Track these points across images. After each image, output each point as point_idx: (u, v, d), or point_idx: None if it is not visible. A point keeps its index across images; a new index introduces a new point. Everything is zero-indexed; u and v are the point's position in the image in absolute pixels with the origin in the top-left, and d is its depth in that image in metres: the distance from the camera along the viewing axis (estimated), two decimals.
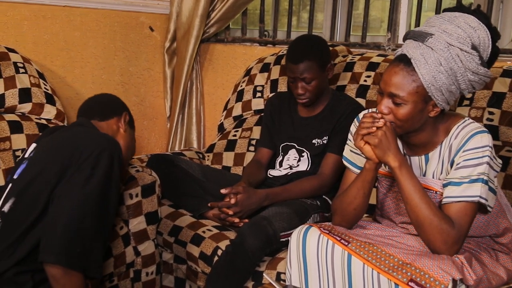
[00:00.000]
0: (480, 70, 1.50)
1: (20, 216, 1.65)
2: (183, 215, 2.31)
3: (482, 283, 1.55)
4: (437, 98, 1.50)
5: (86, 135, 1.80)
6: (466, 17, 1.50)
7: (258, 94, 2.79)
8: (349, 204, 1.67)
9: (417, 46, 1.50)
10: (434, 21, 1.54)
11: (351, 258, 1.51)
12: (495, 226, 1.69)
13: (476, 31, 1.48)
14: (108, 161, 1.67)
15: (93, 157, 1.65)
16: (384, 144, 1.51)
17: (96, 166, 1.65)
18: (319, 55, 2.20)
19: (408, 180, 1.52)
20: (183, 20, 3.16)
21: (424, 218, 1.50)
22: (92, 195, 1.63)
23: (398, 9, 2.74)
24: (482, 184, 1.51)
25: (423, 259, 1.45)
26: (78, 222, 1.60)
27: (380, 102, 1.55)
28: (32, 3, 2.69)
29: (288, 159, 2.37)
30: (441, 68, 1.47)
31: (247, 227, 1.95)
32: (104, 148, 1.68)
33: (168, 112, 3.39)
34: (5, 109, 2.35)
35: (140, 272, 2.23)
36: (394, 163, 1.52)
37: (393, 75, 1.52)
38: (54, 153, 1.73)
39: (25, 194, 1.68)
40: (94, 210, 1.64)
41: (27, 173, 1.73)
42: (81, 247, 1.60)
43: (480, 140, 1.52)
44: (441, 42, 1.48)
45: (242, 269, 1.95)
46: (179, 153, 2.76)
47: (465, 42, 1.48)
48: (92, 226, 1.64)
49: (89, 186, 1.63)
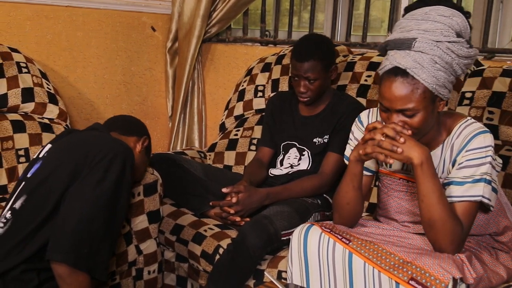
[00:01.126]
0: (471, 53, 1.50)
1: (31, 214, 1.66)
2: (185, 214, 2.31)
3: (482, 282, 1.55)
4: (443, 94, 1.50)
5: (101, 138, 1.82)
6: (436, 9, 1.48)
7: (259, 93, 2.79)
8: (342, 198, 1.67)
9: (405, 55, 1.48)
10: (408, 24, 1.51)
11: (352, 257, 1.51)
12: (495, 225, 1.69)
13: (453, 19, 1.47)
14: (121, 166, 1.68)
15: (107, 161, 1.66)
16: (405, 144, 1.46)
17: (108, 169, 1.66)
18: (325, 56, 2.21)
19: (428, 178, 1.48)
20: (185, 20, 3.17)
21: (438, 218, 1.48)
22: (103, 197, 1.64)
23: (398, 9, 2.75)
24: (485, 184, 1.51)
25: (423, 257, 1.45)
26: (87, 223, 1.62)
27: (390, 119, 1.51)
28: (35, 3, 2.70)
29: (289, 158, 2.38)
30: (438, 66, 1.47)
31: (248, 226, 1.96)
32: (118, 152, 1.70)
33: (170, 112, 3.40)
34: (8, 109, 2.37)
35: (142, 271, 2.23)
36: (417, 160, 1.46)
37: (395, 91, 1.48)
38: (68, 154, 1.74)
39: (36, 193, 1.68)
40: (103, 213, 1.65)
41: (40, 172, 1.74)
42: (88, 248, 1.61)
43: (483, 140, 1.52)
44: (428, 43, 1.46)
45: (244, 268, 1.95)
46: (181, 152, 2.76)
47: (449, 34, 1.46)
48: (100, 229, 1.65)
49: (100, 189, 1.64)
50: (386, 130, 1.47)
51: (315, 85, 2.22)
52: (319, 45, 2.24)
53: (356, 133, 1.80)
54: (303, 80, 2.22)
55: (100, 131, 1.91)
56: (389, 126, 1.48)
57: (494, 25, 2.51)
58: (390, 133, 1.46)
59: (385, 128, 1.47)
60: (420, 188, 1.50)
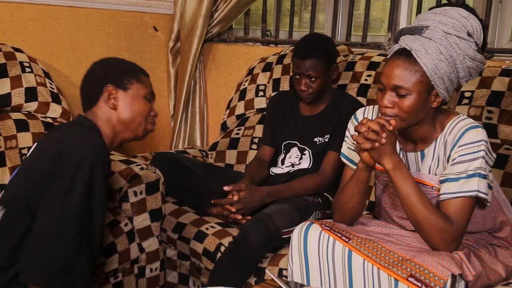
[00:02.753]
0: (478, 56, 1.53)
1: (11, 226, 1.53)
2: (186, 212, 2.32)
3: (481, 279, 1.55)
4: (439, 87, 1.52)
5: (70, 142, 1.58)
6: (457, 9, 1.54)
7: (260, 93, 2.80)
8: (347, 202, 1.68)
9: (415, 39, 1.53)
10: (426, 16, 1.57)
11: (352, 254, 1.52)
12: (492, 220, 1.69)
13: (468, 20, 1.52)
14: (89, 172, 1.48)
15: (74, 168, 1.47)
16: (379, 147, 1.51)
17: (76, 178, 1.47)
18: (326, 55, 2.23)
19: (403, 181, 1.52)
20: (187, 20, 3.17)
21: (421, 217, 1.50)
22: (72, 209, 1.47)
23: (398, 9, 2.75)
24: (480, 178, 1.51)
25: (422, 255, 1.46)
26: (57, 239, 1.47)
27: (383, 97, 1.56)
28: (38, 3, 2.71)
29: (290, 157, 2.38)
30: (442, 56, 1.50)
31: (249, 224, 1.97)
32: (84, 158, 1.49)
33: (172, 111, 3.41)
34: (11, 108, 2.38)
35: (144, 268, 2.24)
36: (389, 165, 1.52)
37: (395, 68, 1.53)
38: (40, 160, 1.57)
39: (11, 203, 1.56)
40: (75, 225, 1.48)
41: (14, 180, 1.62)
42: (62, 266, 1.46)
43: (474, 135, 1.53)
44: (438, 32, 1.51)
45: (245, 265, 1.96)
46: (182, 151, 2.76)
47: (460, 30, 1.51)
48: (74, 243, 1.48)
49: (68, 200, 1.46)
50: (371, 124, 1.51)
51: (316, 83, 2.23)
52: (321, 44, 2.26)
53: (352, 130, 1.81)
54: (304, 78, 2.23)
55: (81, 124, 1.69)
56: (374, 120, 1.52)
57: (493, 25, 2.51)
58: (374, 126, 1.50)
59: (370, 122, 1.52)
60: (398, 191, 1.54)
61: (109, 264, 2.06)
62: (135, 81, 1.72)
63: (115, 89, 1.68)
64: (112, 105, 1.68)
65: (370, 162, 1.58)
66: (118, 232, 2.11)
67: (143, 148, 3.34)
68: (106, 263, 2.04)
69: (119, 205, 2.19)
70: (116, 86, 1.69)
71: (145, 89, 1.73)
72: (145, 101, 1.73)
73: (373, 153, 1.53)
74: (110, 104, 1.67)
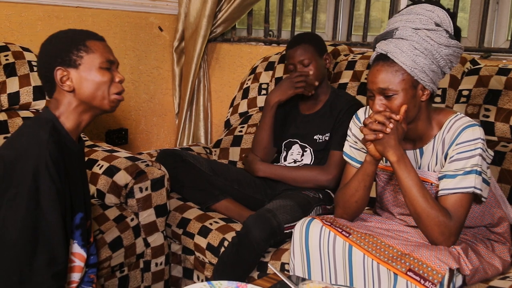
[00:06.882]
0: (452, 42, 1.56)
1: None
2: (191, 207, 2.33)
3: (478, 273, 1.58)
4: (423, 80, 1.56)
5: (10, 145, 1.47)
6: (420, 5, 1.59)
7: (263, 91, 2.81)
8: (351, 196, 1.69)
9: (388, 42, 1.58)
10: (394, 19, 1.62)
11: (352, 249, 1.53)
12: (490, 216, 1.72)
13: (433, 12, 1.57)
14: (31, 176, 1.38)
15: (14, 174, 1.39)
16: (385, 140, 1.54)
17: (18, 183, 1.38)
18: (314, 40, 2.31)
19: (406, 174, 1.54)
20: (191, 21, 3.18)
21: (422, 210, 1.52)
22: (19, 215, 1.37)
23: (397, 9, 2.75)
24: (476, 175, 1.54)
25: (421, 249, 1.47)
26: (8, 248, 1.38)
27: (374, 103, 1.59)
28: (46, 4, 2.73)
29: (292, 154, 2.40)
30: (417, 51, 1.54)
31: (252, 220, 1.97)
32: (24, 162, 1.39)
33: (177, 109, 3.42)
34: (19, 106, 2.39)
35: (149, 263, 2.26)
36: (393, 157, 1.54)
37: (377, 73, 1.57)
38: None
39: None
40: (25, 232, 1.39)
41: None
42: (18, 274, 1.38)
43: (472, 133, 1.56)
44: (407, 30, 1.55)
45: (248, 260, 1.98)
46: (187, 148, 2.76)
47: (428, 23, 1.55)
48: (28, 250, 1.39)
49: (14, 207, 1.38)
50: (377, 116, 1.55)
51: (312, 70, 2.27)
52: (307, 34, 2.40)
53: (354, 129, 1.83)
54: (299, 66, 2.27)
55: (36, 119, 1.56)
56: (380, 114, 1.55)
57: (490, 25, 2.52)
58: (380, 118, 1.54)
59: (376, 115, 1.55)
60: (401, 183, 1.56)
61: (115, 258, 2.08)
62: (85, 53, 1.51)
63: (65, 69, 1.49)
64: (68, 88, 1.50)
65: (376, 154, 1.60)
66: (124, 227, 2.13)
67: (148, 146, 3.37)
68: (112, 257, 2.06)
69: (125, 201, 2.21)
70: (65, 66, 1.49)
71: (99, 57, 1.53)
72: (102, 71, 1.53)
73: (379, 145, 1.56)
74: (65, 87, 1.49)
